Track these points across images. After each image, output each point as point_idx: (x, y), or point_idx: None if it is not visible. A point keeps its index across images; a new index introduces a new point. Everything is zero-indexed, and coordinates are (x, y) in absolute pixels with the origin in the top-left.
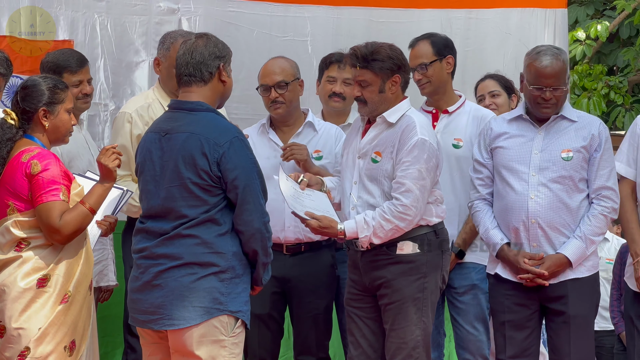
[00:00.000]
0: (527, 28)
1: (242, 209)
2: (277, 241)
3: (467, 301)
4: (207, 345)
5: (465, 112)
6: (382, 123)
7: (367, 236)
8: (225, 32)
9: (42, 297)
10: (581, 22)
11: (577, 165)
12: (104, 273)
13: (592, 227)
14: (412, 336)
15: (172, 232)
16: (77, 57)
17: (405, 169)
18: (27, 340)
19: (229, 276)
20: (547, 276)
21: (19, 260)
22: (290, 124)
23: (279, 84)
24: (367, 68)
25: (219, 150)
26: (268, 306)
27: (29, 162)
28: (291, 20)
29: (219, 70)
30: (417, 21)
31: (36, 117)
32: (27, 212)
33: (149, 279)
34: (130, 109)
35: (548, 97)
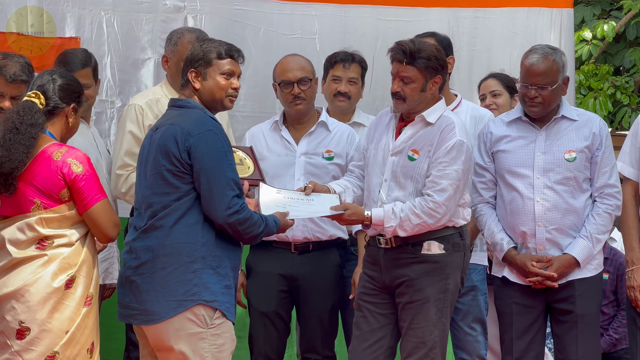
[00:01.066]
0: (533, 27)
1: (206, 200)
2: (285, 239)
3: (466, 302)
4: (184, 338)
5: (462, 111)
6: (420, 122)
7: (393, 227)
8: (232, 30)
9: (69, 299)
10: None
11: (581, 165)
12: (109, 271)
13: (598, 226)
14: (430, 336)
15: (148, 224)
16: (79, 59)
17: (442, 169)
18: (54, 343)
19: (199, 266)
20: (556, 278)
21: (43, 258)
22: (304, 121)
23: (302, 80)
24: (413, 65)
25: (190, 139)
26: (275, 304)
27: (66, 162)
28: (298, 19)
29: (188, 78)
30: (424, 19)
31: (62, 112)
32: (52, 209)
33: (129, 274)
34: (140, 101)
35: (532, 95)
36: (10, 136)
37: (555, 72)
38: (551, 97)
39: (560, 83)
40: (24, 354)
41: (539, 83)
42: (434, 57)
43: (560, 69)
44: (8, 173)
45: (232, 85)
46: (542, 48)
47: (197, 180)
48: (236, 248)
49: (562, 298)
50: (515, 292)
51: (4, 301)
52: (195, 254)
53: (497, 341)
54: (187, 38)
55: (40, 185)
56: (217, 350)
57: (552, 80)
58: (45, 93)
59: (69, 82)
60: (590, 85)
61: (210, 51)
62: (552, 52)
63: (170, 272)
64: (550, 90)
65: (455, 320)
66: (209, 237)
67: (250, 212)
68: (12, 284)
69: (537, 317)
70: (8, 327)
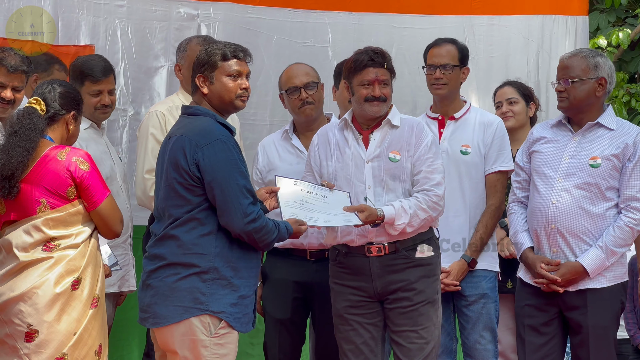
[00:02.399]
0: (549, 35)
1: (222, 210)
2: (301, 247)
3: (476, 310)
4: (187, 344)
5: (472, 117)
6: (385, 125)
7: (404, 224)
8: (245, 38)
9: (76, 301)
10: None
11: (605, 173)
12: (126, 278)
13: (615, 238)
14: (432, 336)
15: (162, 233)
16: (102, 66)
17: (430, 164)
18: (63, 345)
19: (211, 277)
20: (560, 283)
21: (49, 261)
22: (313, 128)
23: (309, 85)
24: (386, 67)
25: (198, 152)
26: (290, 311)
27: (72, 160)
28: (312, 26)
29: (197, 81)
30: (439, 27)
31: (63, 120)
32: (58, 208)
33: (144, 279)
34: (161, 108)
35: (558, 88)
36: (10, 140)
37: (583, 68)
38: (576, 92)
39: (590, 81)
40: (33, 356)
41: (564, 76)
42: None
43: (591, 67)
44: (10, 176)
45: (241, 86)
46: (580, 48)
47: (209, 192)
48: (253, 255)
49: (573, 307)
50: (529, 294)
51: (11, 304)
52: (207, 265)
53: (511, 350)
54: (194, 42)
55: (48, 185)
56: (218, 359)
57: (577, 75)
58: (45, 100)
59: (69, 90)
60: None
61: (215, 54)
62: (588, 51)
63: (180, 278)
64: (574, 85)
65: (465, 327)
66: (222, 247)
67: (265, 219)
68: (19, 287)
69: (549, 322)
70: (16, 330)
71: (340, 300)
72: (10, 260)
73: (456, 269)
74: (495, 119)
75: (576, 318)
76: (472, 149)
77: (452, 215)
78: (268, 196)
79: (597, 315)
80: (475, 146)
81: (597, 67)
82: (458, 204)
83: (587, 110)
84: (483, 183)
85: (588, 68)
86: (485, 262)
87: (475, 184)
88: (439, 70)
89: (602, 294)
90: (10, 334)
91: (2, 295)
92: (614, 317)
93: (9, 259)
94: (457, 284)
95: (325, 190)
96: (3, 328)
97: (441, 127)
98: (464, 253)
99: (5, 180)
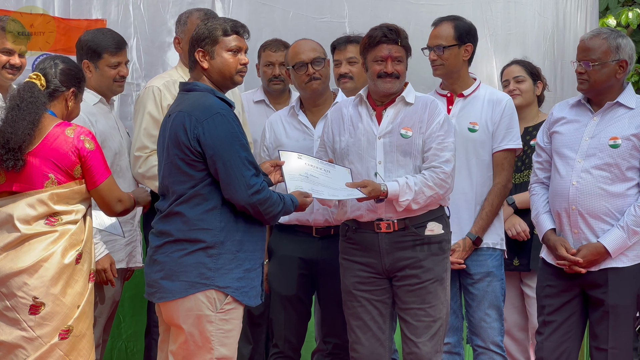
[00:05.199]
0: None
1: (225, 183)
2: (307, 223)
3: (482, 288)
4: (192, 319)
5: (481, 95)
6: (399, 102)
7: (408, 200)
8: (260, 14)
9: (79, 274)
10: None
11: (626, 153)
12: (133, 254)
13: (636, 218)
14: (440, 314)
15: (167, 210)
16: (117, 39)
17: (441, 141)
18: (68, 318)
19: (217, 252)
20: (582, 264)
21: (54, 235)
22: (319, 104)
23: (316, 60)
24: (401, 45)
25: (198, 127)
26: (295, 287)
27: (79, 138)
28: (328, 2)
29: (197, 56)
30: (457, 4)
31: (62, 96)
32: (66, 184)
33: (151, 254)
34: (157, 83)
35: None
36: (13, 113)
37: (604, 50)
38: (597, 75)
39: (611, 63)
40: (37, 329)
41: (584, 59)
42: (407, 36)
43: (612, 49)
44: (16, 148)
45: (241, 61)
46: (600, 28)
47: (212, 166)
48: (259, 229)
49: (595, 285)
50: (550, 275)
51: (13, 277)
52: (213, 239)
53: (518, 328)
54: (195, 16)
55: (57, 161)
56: (223, 335)
57: (598, 58)
58: (46, 76)
59: (70, 67)
60: None
61: (216, 29)
62: (608, 32)
63: (186, 253)
64: (595, 68)
65: (471, 306)
66: (227, 222)
67: (270, 191)
68: (24, 260)
69: (570, 301)
70: (19, 303)
71: (349, 276)
72: (10, 232)
73: (461, 246)
74: (505, 96)
75: (597, 296)
76: (479, 126)
77: (459, 193)
78: (273, 169)
79: (618, 294)
80: (484, 124)
81: (619, 49)
82: (465, 181)
83: (608, 92)
84: (490, 161)
85: (609, 50)
86: (491, 240)
87: (482, 161)
88: (432, 52)
89: (624, 273)
90: (11, 307)
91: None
92: (635, 296)
93: (9, 231)
94: (462, 262)
95: (328, 165)
96: (2, 301)
97: (450, 104)
98: (469, 231)
99: (11, 152)
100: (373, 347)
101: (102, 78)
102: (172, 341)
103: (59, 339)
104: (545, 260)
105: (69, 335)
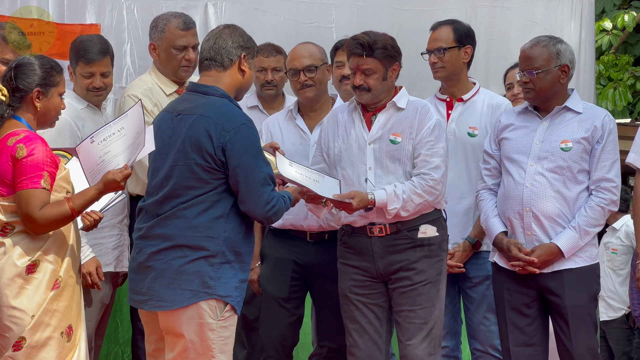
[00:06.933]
0: (554, 18)
1: (244, 196)
2: (301, 228)
3: (480, 291)
4: (194, 327)
5: (480, 100)
6: (391, 108)
7: (397, 208)
8: (252, 18)
9: (32, 284)
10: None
11: (577, 156)
12: (120, 259)
13: (588, 219)
14: (431, 317)
15: (169, 212)
16: (98, 47)
17: (430, 147)
18: (21, 329)
19: (218, 261)
20: (537, 264)
21: (2, 247)
22: (317, 109)
23: (308, 68)
24: (372, 56)
25: (225, 136)
26: (287, 290)
27: (15, 146)
28: (316, 7)
29: (239, 58)
30: (442, 9)
31: (28, 98)
32: (9, 196)
33: (143, 260)
34: (135, 91)
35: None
36: None
37: (545, 58)
38: (541, 82)
39: (554, 69)
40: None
41: (527, 68)
42: (390, 45)
43: (553, 55)
44: None
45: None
46: (539, 36)
47: (232, 177)
48: (252, 239)
49: (550, 288)
50: (506, 278)
51: None
52: (216, 249)
53: None
54: (174, 24)
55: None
56: (223, 343)
57: (540, 65)
58: (3, 82)
59: (26, 69)
60: (610, 75)
61: (255, 46)
62: (547, 40)
63: (188, 261)
64: (539, 76)
65: (469, 309)
66: (231, 232)
67: (280, 199)
68: None
69: (530, 304)
70: None
71: (345, 279)
72: None
73: (460, 250)
74: (504, 101)
75: (555, 300)
76: (479, 131)
77: (458, 197)
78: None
79: (575, 295)
80: (483, 128)
81: (559, 54)
82: (464, 185)
83: (554, 98)
84: None
85: (550, 57)
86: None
87: None
88: (433, 55)
89: (579, 274)
90: None
91: None
92: (592, 296)
93: None
94: (462, 266)
95: (318, 174)
96: None
97: (449, 109)
98: (468, 234)
99: None
100: (370, 350)
101: (76, 86)
102: (169, 349)
103: (12, 350)
104: (497, 264)
105: (22, 346)
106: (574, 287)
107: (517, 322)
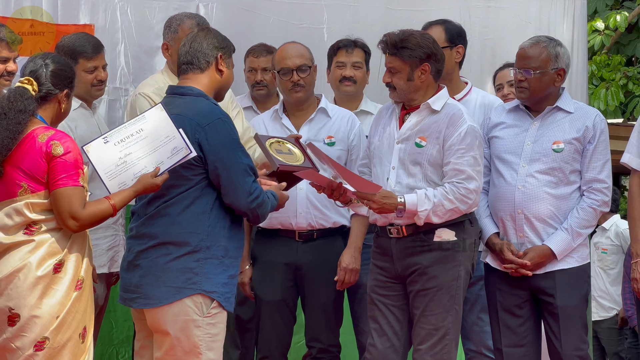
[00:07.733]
0: (546, 18)
1: (226, 190)
2: (289, 227)
3: (474, 292)
4: (180, 324)
5: (472, 99)
6: (425, 109)
7: (427, 211)
8: (242, 19)
9: (58, 284)
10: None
11: (569, 157)
12: (115, 259)
13: (580, 220)
14: (443, 323)
15: (153, 211)
16: (93, 42)
17: (460, 156)
18: (45, 329)
19: (203, 256)
20: (530, 266)
21: (31, 244)
22: (303, 108)
23: (301, 68)
24: (395, 55)
25: (200, 132)
26: (280, 293)
27: (49, 143)
28: (308, 8)
29: (216, 59)
30: (435, 9)
31: (55, 98)
32: (40, 193)
33: (132, 259)
34: (147, 90)
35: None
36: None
37: (544, 59)
38: (536, 83)
39: (550, 72)
40: (16, 340)
41: (525, 67)
42: (417, 46)
43: (551, 58)
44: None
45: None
46: (539, 36)
47: (212, 172)
48: (241, 236)
49: (542, 289)
50: (498, 279)
51: None
52: (200, 244)
53: None
54: (187, 24)
55: (27, 168)
56: (211, 340)
57: (538, 66)
58: (38, 79)
59: (62, 67)
60: (602, 75)
61: (230, 45)
62: (547, 41)
63: (173, 259)
64: (535, 76)
65: (463, 310)
66: (215, 227)
67: (263, 193)
68: (1, 270)
69: (522, 304)
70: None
71: (370, 279)
72: None
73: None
74: (496, 100)
75: (546, 300)
76: None
77: None
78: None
79: (566, 295)
80: None
81: (558, 57)
82: None
83: (546, 99)
84: None
85: (549, 59)
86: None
87: None
88: None
89: (571, 274)
90: None
91: None
92: (583, 297)
93: None
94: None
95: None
96: None
97: None
98: None
99: None
100: (386, 352)
101: (80, 83)
102: (157, 347)
103: (34, 350)
104: (489, 265)
105: (45, 346)
106: (566, 287)
107: (509, 323)
